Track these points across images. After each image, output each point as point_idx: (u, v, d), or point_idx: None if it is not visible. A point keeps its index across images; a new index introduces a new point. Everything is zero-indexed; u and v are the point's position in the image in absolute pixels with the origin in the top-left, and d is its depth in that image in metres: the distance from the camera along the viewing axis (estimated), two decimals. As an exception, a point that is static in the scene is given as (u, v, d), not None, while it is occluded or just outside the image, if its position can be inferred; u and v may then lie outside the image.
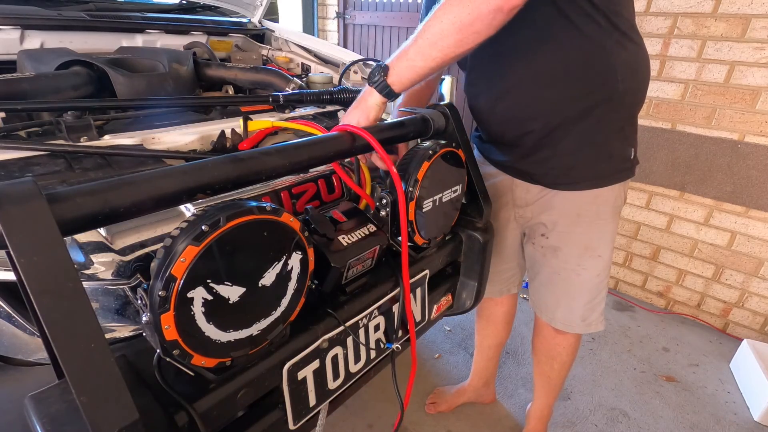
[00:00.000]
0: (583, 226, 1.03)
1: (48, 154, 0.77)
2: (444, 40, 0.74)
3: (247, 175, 0.61)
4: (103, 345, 0.42)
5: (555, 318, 1.17)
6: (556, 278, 1.11)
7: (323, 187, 0.96)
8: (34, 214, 0.41)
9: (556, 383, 1.34)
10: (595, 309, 1.13)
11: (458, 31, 0.72)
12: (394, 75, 0.80)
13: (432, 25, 0.74)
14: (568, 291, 1.11)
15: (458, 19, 0.71)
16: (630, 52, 0.90)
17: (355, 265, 0.77)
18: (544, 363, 1.31)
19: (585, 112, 0.91)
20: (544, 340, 1.26)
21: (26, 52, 1.09)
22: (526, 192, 1.08)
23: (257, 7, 1.77)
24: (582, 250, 1.06)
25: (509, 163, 1.06)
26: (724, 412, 1.64)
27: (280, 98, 1.05)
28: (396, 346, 0.87)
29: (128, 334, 0.68)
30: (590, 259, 1.06)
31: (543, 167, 1.00)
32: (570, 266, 1.08)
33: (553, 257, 1.09)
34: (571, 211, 1.03)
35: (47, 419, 0.48)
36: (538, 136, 0.96)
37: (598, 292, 1.11)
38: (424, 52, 0.77)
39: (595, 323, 1.14)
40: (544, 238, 1.09)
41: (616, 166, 0.98)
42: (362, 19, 3.22)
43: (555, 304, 1.15)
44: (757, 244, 1.91)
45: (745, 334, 2.02)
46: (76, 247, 0.66)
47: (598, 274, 1.08)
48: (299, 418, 0.71)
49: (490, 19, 0.70)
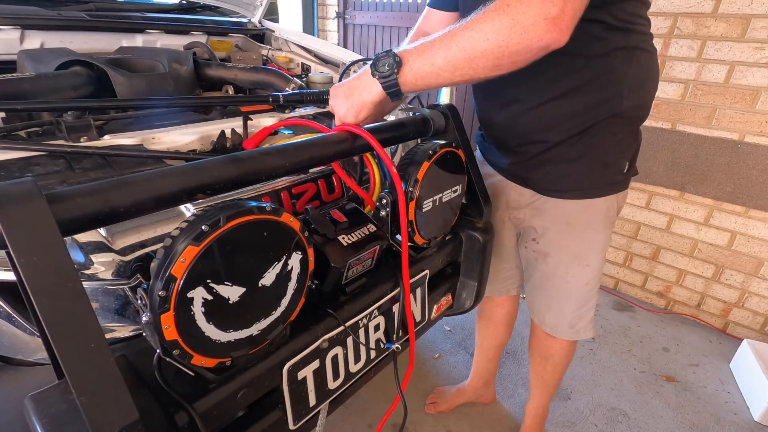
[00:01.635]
0: (573, 234, 1.03)
1: (48, 154, 0.77)
2: (482, 60, 0.65)
3: (247, 175, 0.61)
4: (103, 345, 0.42)
5: (544, 322, 1.17)
6: (547, 283, 1.12)
7: (323, 187, 0.96)
8: (34, 214, 0.41)
9: (551, 384, 1.34)
10: (583, 317, 1.12)
11: (501, 56, 0.64)
12: (409, 74, 0.69)
13: (473, 38, 0.64)
14: (557, 297, 1.11)
15: (505, 44, 0.63)
16: (640, 65, 0.88)
17: (355, 265, 0.77)
18: (538, 363, 1.32)
19: (590, 126, 0.90)
20: (538, 340, 1.27)
21: (26, 52, 1.09)
22: (519, 195, 1.08)
23: (257, 7, 1.77)
24: (571, 258, 1.05)
25: (505, 166, 1.06)
26: (724, 412, 1.64)
27: (280, 98, 1.05)
28: (396, 346, 0.87)
29: (128, 334, 0.69)
30: (579, 268, 1.06)
31: (536, 172, 1.00)
32: (559, 273, 1.08)
33: (543, 262, 1.10)
34: (561, 218, 1.02)
35: (47, 419, 0.48)
36: (540, 148, 0.95)
37: (585, 301, 1.10)
38: (456, 65, 0.66)
39: (583, 331, 1.14)
40: (535, 242, 1.10)
41: (610, 177, 0.97)
42: (362, 19, 3.21)
43: (546, 307, 1.15)
44: (757, 244, 1.91)
45: (745, 334, 2.02)
46: (76, 247, 0.66)
47: (586, 282, 1.07)
48: (299, 418, 0.71)
49: (534, 54, 0.64)
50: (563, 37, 0.62)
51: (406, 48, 0.71)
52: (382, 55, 0.70)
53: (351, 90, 0.75)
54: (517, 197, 1.08)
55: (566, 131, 0.91)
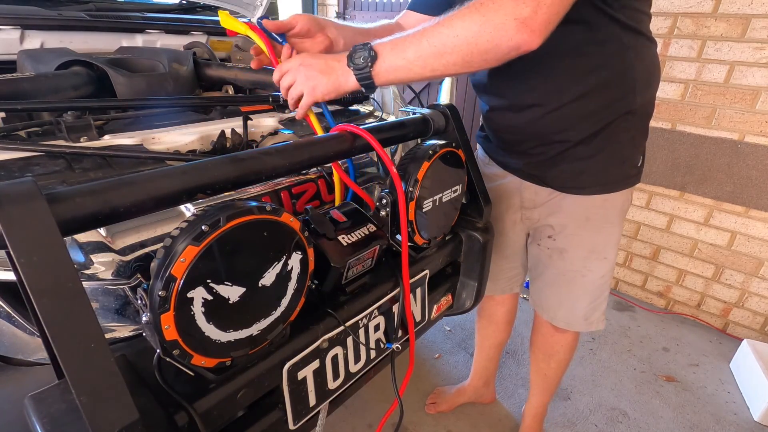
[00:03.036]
0: (591, 229, 1.04)
1: (48, 154, 0.77)
2: (452, 56, 0.67)
3: (246, 175, 0.61)
4: (103, 345, 0.42)
5: (557, 317, 1.17)
6: (561, 279, 1.12)
7: (323, 187, 0.96)
8: (34, 214, 0.41)
9: (553, 381, 1.34)
10: (597, 308, 1.14)
11: (470, 53, 0.66)
12: (382, 68, 0.70)
13: (443, 33, 0.66)
14: (572, 291, 1.12)
15: (474, 41, 0.65)
16: (647, 60, 0.89)
17: (355, 265, 0.77)
18: (541, 360, 1.32)
19: (607, 124, 0.91)
20: (542, 337, 1.27)
21: (26, 52, 1.09)
22: (534, 194, 1.07)
23: (257, 7, 1.77)
24: (588, 252, 1.06)
25: (519, 166, 1.06)
26: (724, 412, 1.64)
27: (280, 98, 1.05)
28: (396, 346, 0.87)
29: (128, 334, 0.69)
30: (596, 261, 1.07)
31: (553, 170, 1.00)
32: (575, 267, 1.08)
33: (560, 259, 1.10)
34: (579, 214, 1.03)
35: (47, 419, 0.48)
36: (560, 148, 0.95)
37: (601, 292, 1.12)
38: (425, 60, 0.68)
39: (596, 322, 1.15)
40: (551, 239, 1.10)
41: (626, 172, 0.99)
42: (362, 19, 3.22)
43: (558, 304, 1.16)
44: (757, 244, 1.91)
45: (745, 334, 2.02)
46: (76, 247, 0.66)
47: (603, 275, 1.09)
48: (299, 418, 0.71)
49: (504, 53, 0.65)
50: (535, 39, 0.63)
51: (381, 41, 0.72)
52: (359, 47, 0.71)
53: (330, 69, 0.74)
54: (533, 196, 1.08)
55: (585, 130, 0.91)
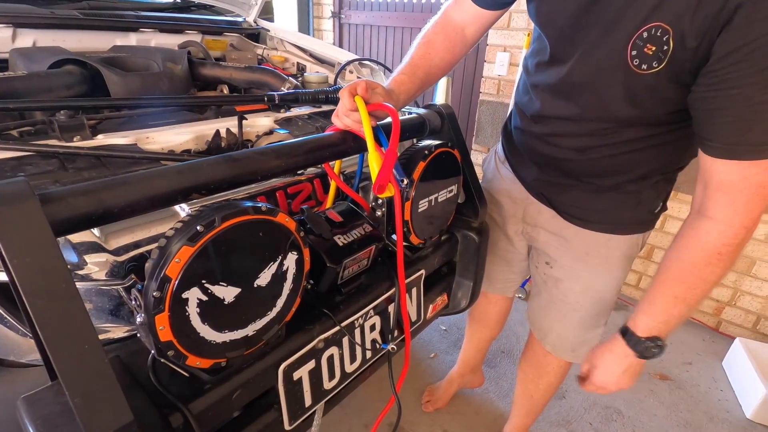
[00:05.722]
0: (590, 265, 0.98)
1: (41, 154, 0.77)
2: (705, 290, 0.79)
3: (242, 175, 0.60)
4: (97, 346, 0.42)
5: (546, 339, 1.14)
6: (553, 307, 1.08)
7: (319, 187, 0.96)
8: (27, 215, 0.40)
9: (538, 404, 1.29)
10: (586, 344, 1.08)
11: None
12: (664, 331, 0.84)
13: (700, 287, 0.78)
14: (563, 321, 1.08)
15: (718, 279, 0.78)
16: None
17: (351, 265, 0.76)
18: (530, 380, 1.25)
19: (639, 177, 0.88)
20: (534, 355, 1.21)
21: (18, 51, 1.08)
22: (537, 212, 1.03)
23: (252, 6, 1.76)
24: (584, 288, 1.01)
25: (530, 180, 1.01)
26: (717, 410, 1.65)
27: (275, 98, 1.05)
28: (391, 346, 0.87)
29: (122, 334, 0.68)
30: (590, 300, 1.02)
31: (562, 196, 0.96)
32: (569, 300, 1.04)
33: (554, 287, 1.06)
34: (579, 247, 0.98)
35: (40, 421, 0.47)
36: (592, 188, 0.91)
37: (592, 329, 1.07)
38: (690, 307, 0.80)
39: (583, 356, 1.08)
40: (548, 266, 1.06)
41: (640, 216, 0.93)
42: (358, 19, 3.21)
43: (548, 328, 1.12)
44: (749, 243, 1.92)
45: (737, 333, 2.04)
46: (70, 248, 0.66)
47: (596, 314, 1.04)
48: (295, 419, 0.71)
49: None
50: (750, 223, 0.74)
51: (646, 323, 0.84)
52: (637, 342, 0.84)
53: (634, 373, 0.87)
54: (535, 214, 1.03)
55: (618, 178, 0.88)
